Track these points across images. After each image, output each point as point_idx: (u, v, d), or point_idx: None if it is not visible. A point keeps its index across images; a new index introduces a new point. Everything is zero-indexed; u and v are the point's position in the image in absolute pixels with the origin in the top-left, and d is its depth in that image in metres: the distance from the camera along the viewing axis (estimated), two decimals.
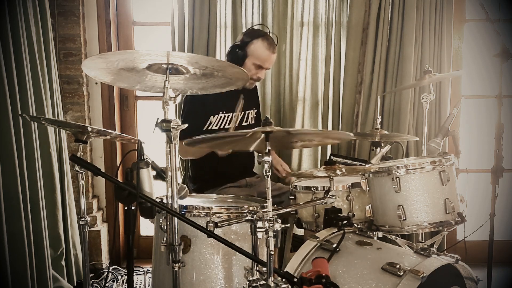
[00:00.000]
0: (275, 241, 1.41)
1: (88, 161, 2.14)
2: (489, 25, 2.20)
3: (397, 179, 1.92)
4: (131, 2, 3.22)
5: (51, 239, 2.49)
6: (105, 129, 1.84)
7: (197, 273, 1.72)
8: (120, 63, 1.49)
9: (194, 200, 2.00)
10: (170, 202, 1.51)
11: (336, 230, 1.88)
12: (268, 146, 1.45)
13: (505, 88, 2.21)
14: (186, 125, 1.51)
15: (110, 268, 3.08)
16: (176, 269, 1.51)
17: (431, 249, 1.69)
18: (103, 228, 3.18)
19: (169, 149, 1.50)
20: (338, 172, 1.85)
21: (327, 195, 1.88)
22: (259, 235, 1.44)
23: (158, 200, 1.53)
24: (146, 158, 1.49)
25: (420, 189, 1.92)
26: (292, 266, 1.76)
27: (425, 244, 2.18)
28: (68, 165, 2.70)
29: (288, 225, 2.38)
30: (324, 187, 2.06)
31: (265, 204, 1.48)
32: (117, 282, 2.93)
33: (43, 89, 2.47)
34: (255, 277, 1.52)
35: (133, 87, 1.84)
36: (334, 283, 1.40)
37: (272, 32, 2.78)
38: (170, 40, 2.99)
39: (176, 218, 1.50)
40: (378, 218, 2.01)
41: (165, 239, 1.52)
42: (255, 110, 2.72)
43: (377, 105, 2.72)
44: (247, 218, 1.52)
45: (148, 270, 3.09)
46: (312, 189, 2.16)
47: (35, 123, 2.34)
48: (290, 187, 2.33)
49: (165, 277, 1.78)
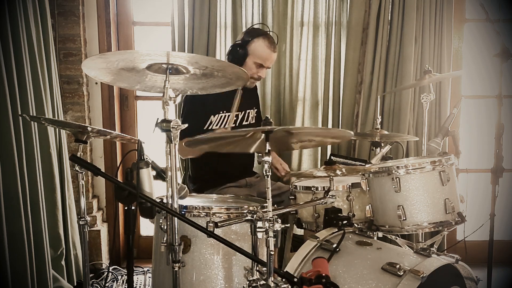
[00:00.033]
0: (275, 241, 1.41)
1: (88, 161, 2.14)
2: (489, 25, 2.20)
3: (397, 179, 1.92)
4: (131, 2, 3.22)
5: (51, 239, 2.49)
6: (105, 129, 1.83)
7: (197, 273, 1.71)
8: (120, 63, 1.49)
9: (194, 200, 2.00)
10: (170, 202, 1.51)
11: (336, 230, 1.88)
12: (268, 146, 1.45)
13: (505, 88, 2.21)
14: (186, 125, 1.51)
15: (110, 268, 3.08)
16: (176, 269, 1.51)
17: (431, 249, 1.69)
18: (103, 228, 3.18)
19: (169, 149, 1.50)
20: (338, 172, 1.85)
21: (327, 195, 1.88)
22: (259, 235, 1.44)
23: (158, 200, 1.53)
24: (146, 158, 1.49)
25: (420, 189, 1.93)
26: (292, 266, 1.76)
27: (425, 244, 2.18)
28: (68, 165, 2.70)
29: (288, 225, 2.38)
30: (324, 187, 2.06)
31: (265, 204, 1.48)
32: (117, 282, 2.93)
33: (43, 89, 2.47)
34: (255, 277, 1.52)
35: (133, 87, 1.83)
36: (334, 283, 1.40)
37: (272, 31, 2.78)
38: (170, 40, 2.98)
39: (176, 218, 1.50)
40: (378, 218, 2.01)
41: (165, 239, 1.52)
42: (256, 110, 2.72)
43: (377, 105, 2.72)
44: (247, 218, 1.52)
45: (148, 270, 3.09)
46: (312, 189, 2.16)
47: (35, 123, 2.34)
48: (290, 187, 2.33)
49: (165, 277, 1.77)
